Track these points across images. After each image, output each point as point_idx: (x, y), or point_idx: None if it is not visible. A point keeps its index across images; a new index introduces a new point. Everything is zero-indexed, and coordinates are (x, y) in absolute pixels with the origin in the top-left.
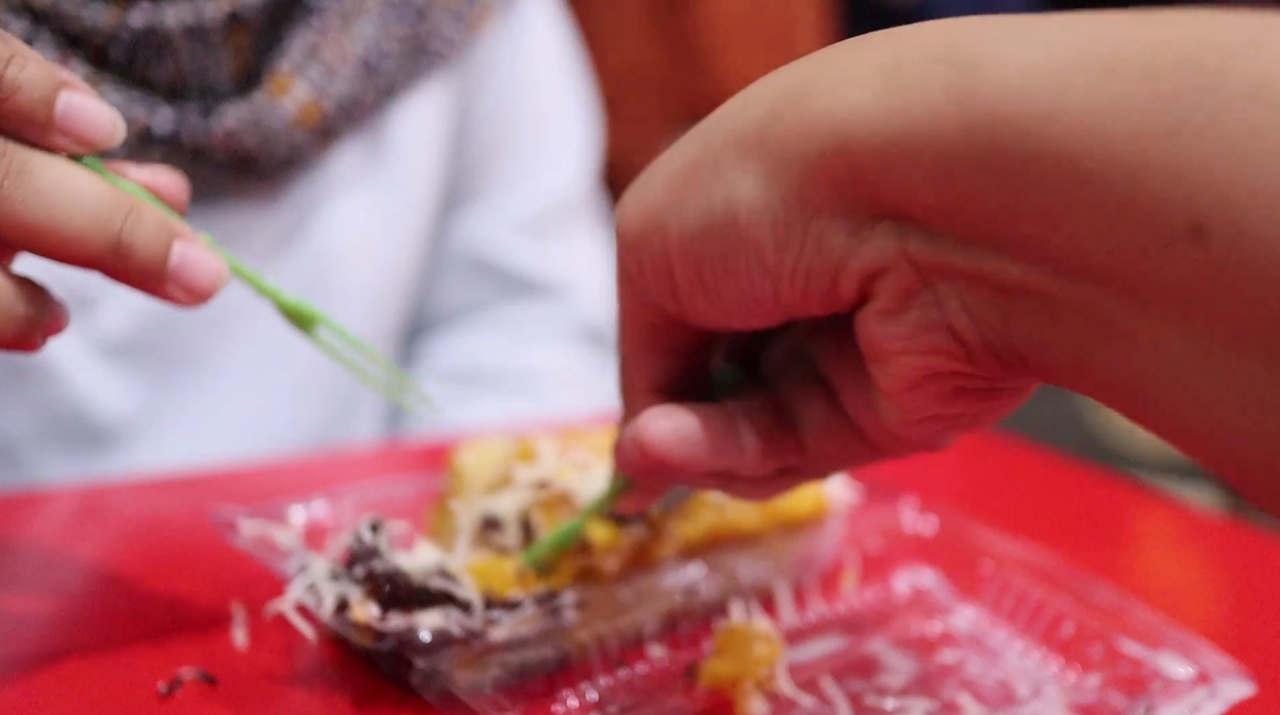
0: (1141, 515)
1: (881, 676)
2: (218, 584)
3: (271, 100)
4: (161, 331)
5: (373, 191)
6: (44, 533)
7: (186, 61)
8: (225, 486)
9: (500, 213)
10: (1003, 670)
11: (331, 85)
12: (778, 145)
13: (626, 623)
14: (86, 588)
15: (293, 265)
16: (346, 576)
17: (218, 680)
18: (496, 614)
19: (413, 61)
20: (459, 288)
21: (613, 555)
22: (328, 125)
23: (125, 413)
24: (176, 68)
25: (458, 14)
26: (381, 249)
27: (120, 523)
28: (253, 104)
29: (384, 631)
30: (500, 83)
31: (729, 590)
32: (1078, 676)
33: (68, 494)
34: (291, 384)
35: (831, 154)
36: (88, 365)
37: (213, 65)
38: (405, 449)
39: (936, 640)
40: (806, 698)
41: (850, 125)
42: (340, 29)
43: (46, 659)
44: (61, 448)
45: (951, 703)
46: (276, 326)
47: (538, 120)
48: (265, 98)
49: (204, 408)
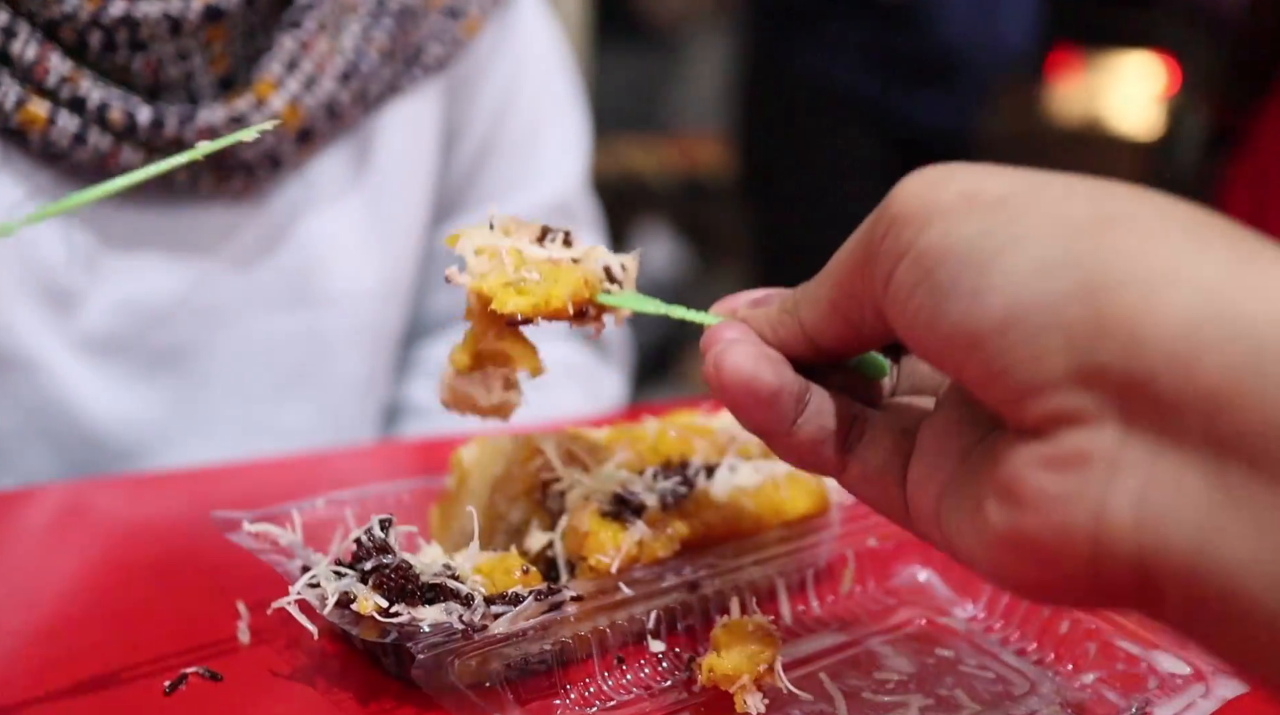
0: None
1: (879, 673)
2: (221, 583)
3: (254, 103)
4: (144, 329)
5: (360, 198)
6: (45, 532)
7: (165, 58)
8: (226, 486)
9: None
10: (999, 667)
11: (315, 90)
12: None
13: (626, 618)
14: (91, 587)
15: (276, 268)
16: (350, 573)
17: (223, 677)
18: (498, 609)
19: (402, 68)
20: (454, 292)
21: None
22: (309, 129)
23: (109, 410)
24: (156, 64)
25: (449, 21)
26: (369, 255)
27: (122, 522)
28: (233, 106)
29: (387, 625)
30: (493, 89)
31: (728, 587)
32: (1073, 674)
33: (69, 493)
34: (276, 384)
35: (1097, 297)
36: (70, 362)
37: (193, 67)
38: (405, 449)
39: (933, 637)
40: (804, 694)
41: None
42: (326, 36)
43: (51, 658)
44: (47, 445)
45: (948, 699)
46: (261, 325)
47: (531, 126)
48: (247, 102)
49: (188, 406)
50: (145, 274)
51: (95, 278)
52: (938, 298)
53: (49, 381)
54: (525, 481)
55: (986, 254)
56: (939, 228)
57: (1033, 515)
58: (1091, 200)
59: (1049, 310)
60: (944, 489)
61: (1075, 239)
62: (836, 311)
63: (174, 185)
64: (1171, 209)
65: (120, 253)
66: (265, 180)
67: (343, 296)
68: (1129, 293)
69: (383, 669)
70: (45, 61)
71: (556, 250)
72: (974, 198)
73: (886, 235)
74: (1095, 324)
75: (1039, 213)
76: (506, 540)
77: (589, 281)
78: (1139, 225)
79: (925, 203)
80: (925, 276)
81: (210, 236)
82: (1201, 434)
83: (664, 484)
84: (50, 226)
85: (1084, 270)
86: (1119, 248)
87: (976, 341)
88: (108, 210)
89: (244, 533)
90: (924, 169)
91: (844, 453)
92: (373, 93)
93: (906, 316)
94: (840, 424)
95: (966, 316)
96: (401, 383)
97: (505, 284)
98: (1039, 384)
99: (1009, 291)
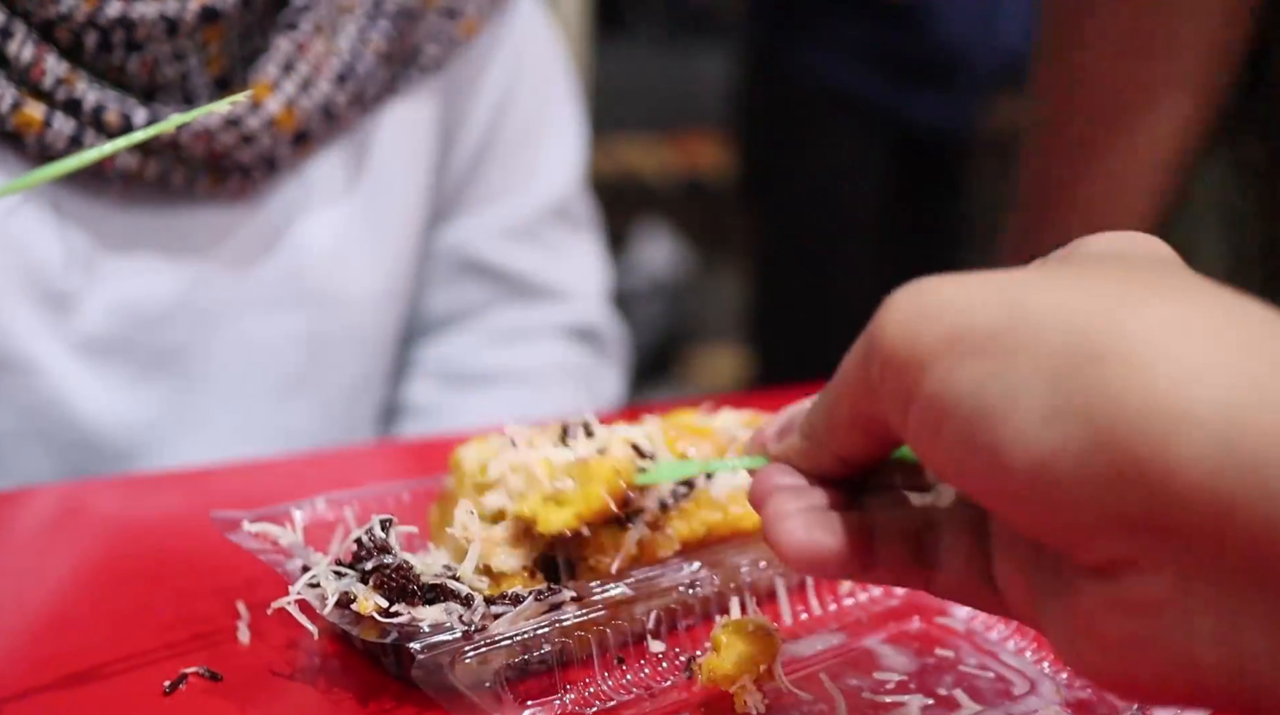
0: None
1: (879, 673)
2: (221, 583)
3: (250, 106)
4: (141, 330)
5: (357, 199)
6: (45, 532)
7: (162, 58)
8: (225, 486)
9: (492, 218)
10: (999, 667)
11: (311, 92)
12: (1073, 395)
13: (626, 618)
14: (91, 587)
15: (273, 270)
16: (350, 573)
17: (222, 677)
18: (498, 609)
19: (399, 70)
20: (452, 293)
21: (613, 553)
22: (306, 131)
23: (106, 411)
24: (152, 64)
25: (446, 22)
26: (366, 257)
27: (122, 522)
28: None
29: (387, 626)
30: (490, 89)
31: (728, 587)
32: (1073, 674)
33: (68, 493)
34: (274, 385)
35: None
36: (67, 364)
37: (189, 67)
38: (405, 449)
39: (933, 637)
40: (804, 694)
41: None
42: (322, 37)
43: (52, 658)
44: (43, 446)
45: (948, 698)
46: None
47: (528, 126)
48: (243, 104)
49: (186, 407)
50: (142, 275)
51: (92, 279)
52: (958, 452)
53: (45, 383)
54: None
55: (991, 407)
56: (935, 375)
57: (1119, 660)
58: (1075, 323)
59: (1070, 462)
60: (1032, 587)
61: (1073, 379)
62: (858, 429)
63: (170, 187)
64: (1172, 310)
65: (117, 254)
66: (261, 182)
67: (340, 298)
68: (1141, 443)
69: (383, 669)
70: (41, 62)
71: (581, 446)
72: (961, 340)
73: (884, 378)
74: (1118, 475)
75: (1030, 353)
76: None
77: (620, 471)
78: (1136, 351)
79: (914, 347)
80: (939, 427)
81: (207, 238)
82: (1250, 573)
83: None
84: (46, 227)
85: (1091, 419)
86: (1121, 387)
87: (1009, 496)
88: (104, 211)
89: (244, 533)
90: (908, 291)
91: (926, 567)
92: (369, 94)
93: (935, 459)
94: (910, 542)
95: (992, 473)
96: (401, 383)
97: (545, 500)
98: (1082, 533)
99: (1026, 448)
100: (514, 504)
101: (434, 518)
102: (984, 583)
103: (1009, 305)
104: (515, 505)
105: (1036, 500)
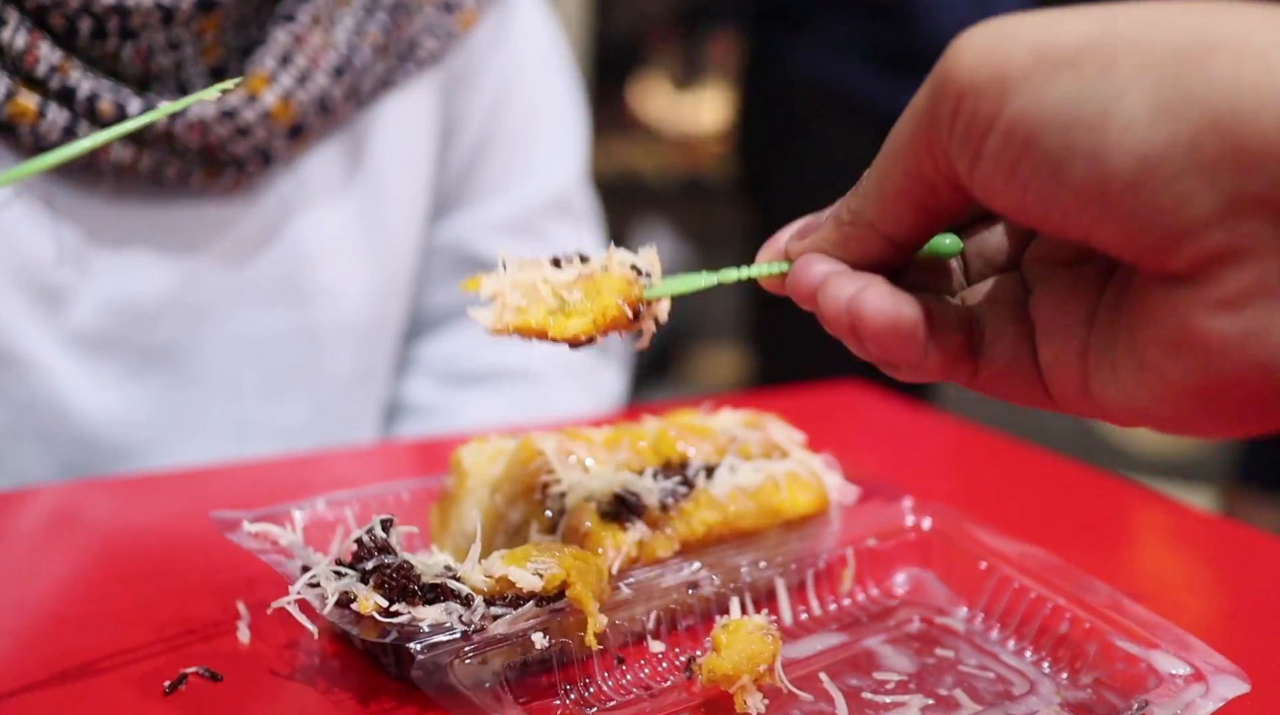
0: (1137, 515)
1: (879, 673)
2: (221, 583)
3: (246, 98)
4: (135, 326)
5: (353, 193)
6: (45, 533)
7: (156, 46)
8: (225, 486)
9: (493, 213)
10: (998, 667)
11: (308, 85)
12: (1184, 87)
13: (626, 618)
14: (92, 587)
15: (268, 264)
16: (350, 573)
17: (223, 677)
18: (498, 609)
19: (396, 63)
20: (452, 288)
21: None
22: (301, 124)
23: (100, 407)
24: (146, 53)
25: (443, 15)
26: (362, 251)
27: (122, 523)
28: (225, 100)
29: (387, 625)
30: (490, 83)
31: (728, 587)
32: (1073, 674)
33: (68, 494)
34: (268, 381)
35: (1233, 130)
36: (61, 360)
37: (184, 56)
38: (405, 449)
39: (933, 637)
40: (804, 694)
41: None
42: (319, 29)
43: (52, 657)
44: (38, 443)
45: (948, 699)
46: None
47: (528, 119)
48: (239, 96)
49: (180, 403)
50: (135, 271)
51: (85, 275)
52: (1050, 168)
53: (40, 379)
54: (525, 482)
55: (1093, 111)
56: (1025, 95)
57: (1220, 361)
58: (1177, 27)
59: (1183, 152)
60: (1084, 360)
61: (1183, 73)
62: (907, 199)
63: (163, 180)
64: (1268, 13)
65: (110, 249)
66: (256, 176)
67: (335, 292)
68: (1265, 118)
69: (383, 669)
70: (35, 50)
71: (579, 268)
72: (1049, 54)
73: (958, 112)
74: (1237, 156)
75: (1130, 56)
76: (506, 540)
77: (629, 281)
78: (1239, 44)
79: (996, 69)
80: (1026, 149)
81: (201, 233)
82: None
83: (664, 484)
84: (37, 222)
85: (1207, 103)
86: (1234, 75)
87: (1108, 202)
88: (97, 206)
89: (244, 533)
90: (982, 26)
91: (974, 358)
92: (366, 87)
93: (1011, 192)
94: (963, 332)
95: (1090, 179)
96: (401, 380)
97: (550, 313)
98: (1188, 228)
99: (1134, 144)
100: (515, 318)
101: (434, 518)
102: (1029, 371)
103: (1097, 20)
104: (517, 319)
105: (1140, 202)
